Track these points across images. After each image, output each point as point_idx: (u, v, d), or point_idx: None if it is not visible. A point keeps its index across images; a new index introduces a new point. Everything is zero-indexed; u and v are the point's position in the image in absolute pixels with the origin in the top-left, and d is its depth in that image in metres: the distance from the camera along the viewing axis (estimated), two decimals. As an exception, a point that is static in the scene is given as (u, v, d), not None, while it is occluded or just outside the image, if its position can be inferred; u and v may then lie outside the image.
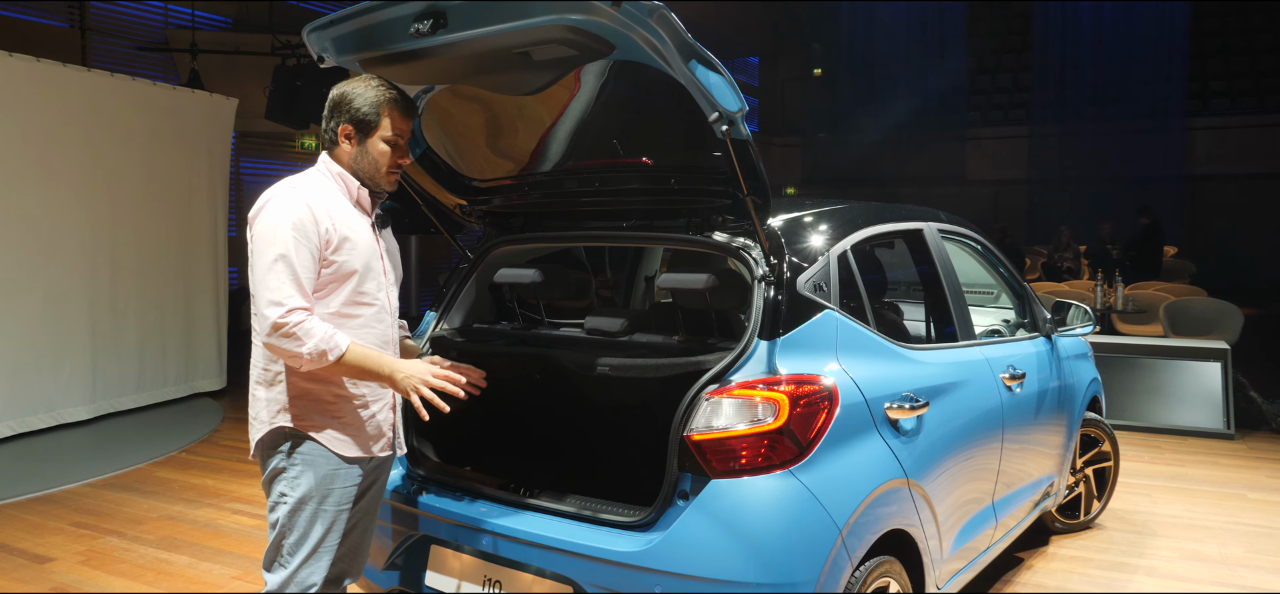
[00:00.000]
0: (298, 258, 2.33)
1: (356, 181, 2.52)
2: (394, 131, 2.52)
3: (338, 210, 2.45)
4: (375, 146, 2.51)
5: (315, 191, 2.44)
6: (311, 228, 2.36)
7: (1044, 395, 3.98)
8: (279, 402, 2.44)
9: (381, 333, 2.55)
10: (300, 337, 2.27)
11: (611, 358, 2.86)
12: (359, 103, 2.49)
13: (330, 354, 2.30)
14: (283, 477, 2.45)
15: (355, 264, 2.45)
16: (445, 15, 2.42)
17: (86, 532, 4.83)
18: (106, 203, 7.35)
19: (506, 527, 2.69)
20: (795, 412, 2.46)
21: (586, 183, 3.11)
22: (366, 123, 2.49)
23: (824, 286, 2.79)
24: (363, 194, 2.53)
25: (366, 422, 2.53)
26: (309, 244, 2.35)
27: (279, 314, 2.27)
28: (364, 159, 2.52)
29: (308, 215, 2.36)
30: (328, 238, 2.40)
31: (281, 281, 2.30)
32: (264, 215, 2.38)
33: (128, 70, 8.30)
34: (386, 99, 2.50)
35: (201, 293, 8.38)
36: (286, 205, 2.37)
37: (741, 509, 2.40)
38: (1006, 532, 3.76)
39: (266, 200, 2.40)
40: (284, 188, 2.43)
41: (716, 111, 2.39)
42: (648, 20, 2.26)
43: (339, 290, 2.44)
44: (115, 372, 7.51)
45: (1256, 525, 4.87)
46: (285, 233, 2.33)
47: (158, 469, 6.06)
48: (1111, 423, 5.15)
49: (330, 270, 2.41)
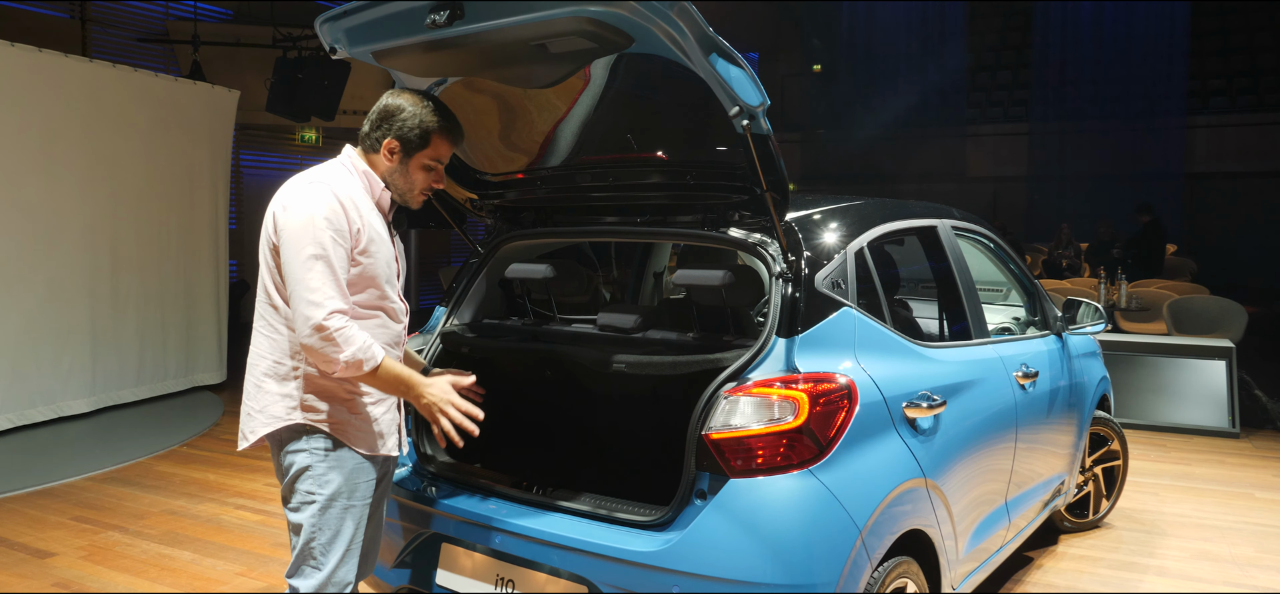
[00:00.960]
0: (335, 256, 2.28)
1: (381, 183, 2.49)
2: (437, 158, 2.51)
3: (365, 208, 2.42)
4: (416, 169, 2.49)
5: (344, 187, 2.39)
6: (344, 225, 2.32)
7: (1056, 394, 3.96)
8: (295, 397, 2.39)
9: (396, 334, 2.54)
10: (340, 342, 2.23)
11: (627, 354, 2.83)
12: (411, 124, 2.45)
13: (366, 364, 2.27)
14: (308, 475, 2.40)
15: (378, 266, 2.42)
16: (462, 6, 2.39)
17: (88, 526, 4.79)
18: (107, 194, 7.31)
19: (520, 525, 2.66)
20: (815, 410, 2.43)
21: (600, 177, 3.08)
22: (413, 144, 2.47)
23: (841, 284, 2.75)
24: (384, 196, 2.50)
25: (379, 418, 2.50)
26: (344, 242, 2.32)
27: (321, 315, 2.23)
28: (401, 177, 2.50)
29: (340, 212, 2.32)
30: (357, 237, 2.36)
31: (321, 281, 2.25)
32: (297, 209, 2.31)
33: (128, 61, 8.24)
34: (438, 126, 2.48)
35: (202, 285, 8.34)
36: (322, 200, 2.32)
37: (761, 509, 2.37)
38: (1018, 531, 3.73)
39: (297, 194, 2.35)
40: (315, 182, 2.37)
41: (737, 106, 2.36)
42: (669, 13, 2.23)
43: (362, 291, 2.41)
44: (115, 364, 7.46)
45: (1266, 525, 4.85)
46: (323, 229, 2.28)
47: (159, 463, 6.02)
48: (1118, 421, 5.13)
49: (357, 270, 2.37)
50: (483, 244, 3.45)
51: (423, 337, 3.28)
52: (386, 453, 2.54)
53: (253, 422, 2.44)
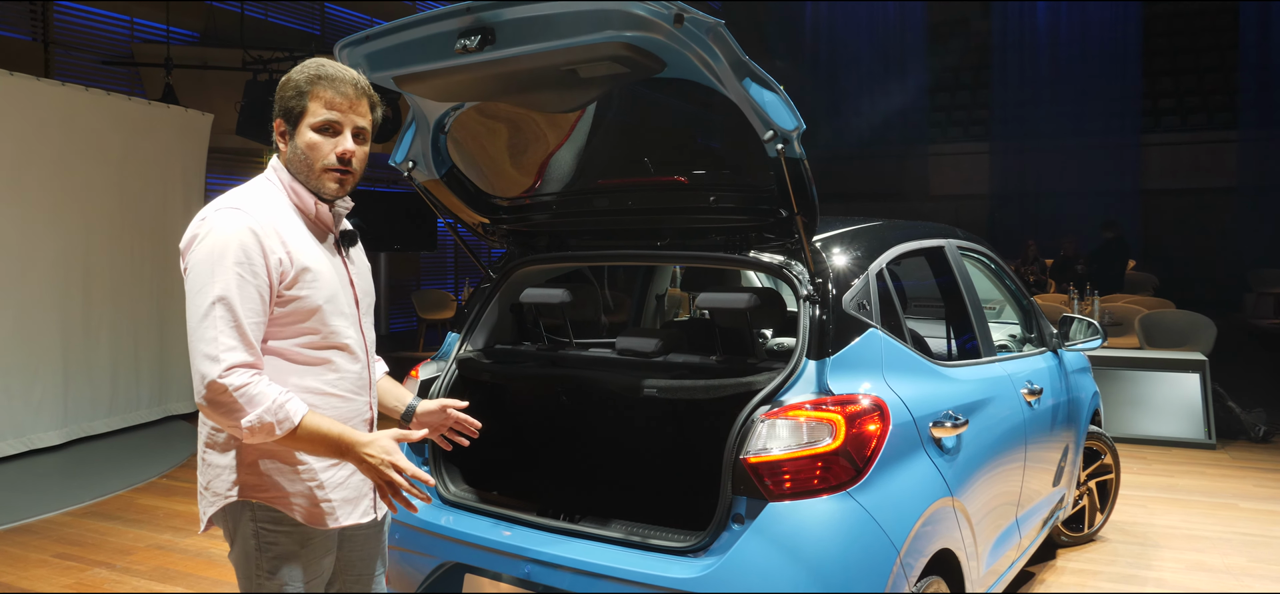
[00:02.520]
0: (241, 300, 1.89)
1: (311, 194, 2.08)
2: (328, 114, 2.02)
3: (291, 232, 2.01)
4: (303, 137, 2.03)
5: (262, 211, 1.99)
6: (259, 259, 1.92)
7: (1057, 410, 4.01)
8: (233, 471, 2.01)
9: (356, 377, 2.13)
10: (240, 404, 1.84)
11: (657, 379, 2.81)
12: (285, 89, 2.03)
13: (279, 427, 1.87)
14: (250, 561, 2.03)
15: (318, 299, 2.02)
16: (494, 32, 2.37)
17: (72, 564, 4.65)
18: (79, 220, 7.14)
19: (550, 554, 2.62)
20: (851, 432, 2.44)
21: (619, 201, 3.07)
22: (292, 111, 2.03)
23: (866, 305, 2.77)
24: (322, 209, 2.09)
25: (342, 483, 2.09)
26: (256, 280, 1.92)
27: (216, 372, 1.84)
28: (295, 157, 2.05)
29: (253, 243, 1.92)
30: (282, 269, 1.96)
31: (219, 331, 1.86)
32: (200, 245, 1.92)
33: (91, 84, 8.06)
34: (306, 77, 2.02)
35: (176, 312, 8.15)
36: (227, 232, 1.92)
37: (801, 532, 2.37)
38: (1027, 547, 3.77)
39: (202, 226, 1.94)
40: (223, 209, 1.96)
41: (770, 130, 2.37)
42: (705, 38, 2.24)
43: (298, 332, 2.01)
44: (88, 394, 7.27)
45: (1254, 535, 4.95)
46: (226, 268, 1.89)
47: (139, 496, 5.87)
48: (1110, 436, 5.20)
49: (286, 309, 1.98)
50: (495, 268, 3.42)
51: (437, 363, 3.24)
52: (359, 521, 2.14)
53: (202, 501, 2.07)
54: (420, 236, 14.04)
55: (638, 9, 2.15)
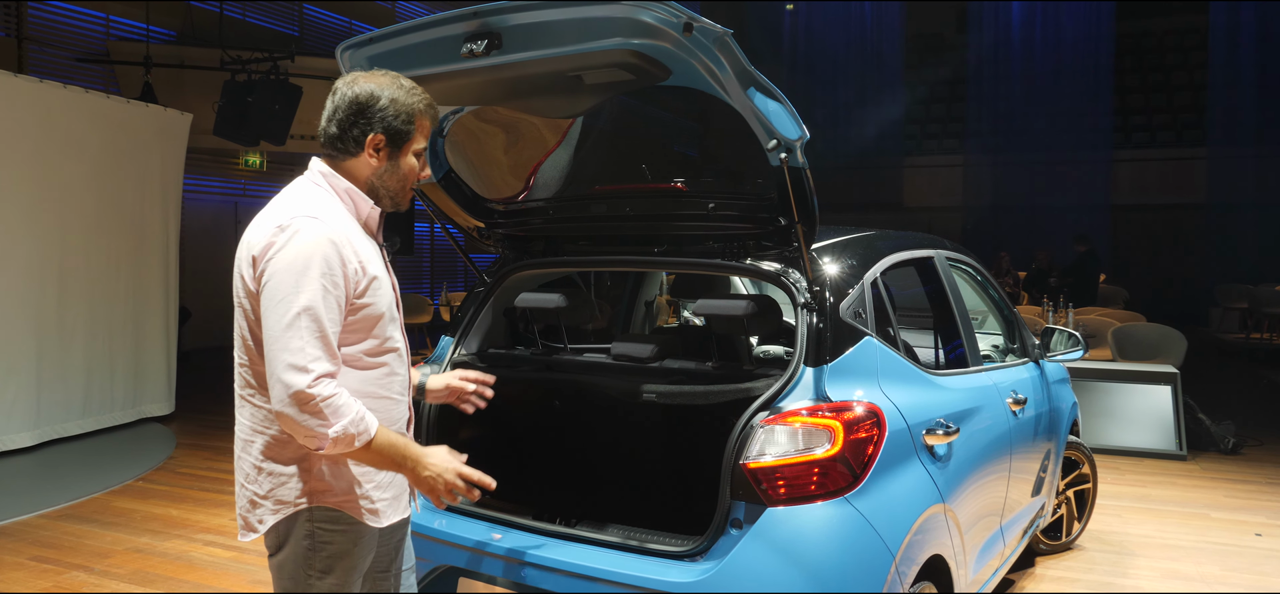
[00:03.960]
0: (325, 310, 1.92)
1: (368, 201, 2.11)
2: (424, 142, 2.15)
3: (359, 242, 2.05)
4: (407, 162, 2.12)
5: (335, 220, 2.01)
6: (339, 270, 1.96)
7: (1040, 419, 4.08)
8: (300, 478, 2.03)
9: (403, 381, 2.20)
10: (327, 415, 1.87)
11: (656, 384, 2.83)
12: (393, 110, 2.07)
13: (358, 439, 1.92)
14: (302, 562, 2.05)
15: (382, 306, 2.07)
16: (501, 37, 2.38)
17: (50, 567, 4.58)
18: (55, 219, 7.04)
19: (547, 558, 2.63)
20: (849, 438, 2.47)
21: (616, 207, 3.08)
22: (401, 133, 2.09)
23: (862, 313, 2.81)
24: (372, 215, 2.13)
25: (389, 482, 2.16)
26: (337, 291, 1.95)
27: (305, 383, 1.86)
28: (393, 176, 2.12)
29: (335, 254, 1.95)
30: (356, 279, 2.00)
31: (306, 341, 1.88)
32: (282, 254, 1.93)
33: (66, 81, 7.96)
34: (423, 106, 2.12)
35: (152, 314, 8.07)
36: (311, 241, 1.94)
37: (799, 537, 2.40)
38: (1009, 555, 3.82)
39: (282, 235, 1.95)
40: (301, 217, 1.97)
41: (774, 139, 2.39)
42: (712, 48, 2.26)
43: (363, 338, 2.06)
44: (61, 396, 7.17)
45: (1226, 544, 5.05)
46: (312, 278, 1.91)
47: (115, 499, 5.79)
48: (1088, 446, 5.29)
49: (356, 317, 2.02)
50: (489, 273, 3.43)
51: (430, 366, 3.24)
52: (403, 516, 2.24)
53: (259, 510, 2.06)
54: (397, 241, 13.98)
55: (647, 17, 2.17)
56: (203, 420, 8.19)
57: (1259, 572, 4.64)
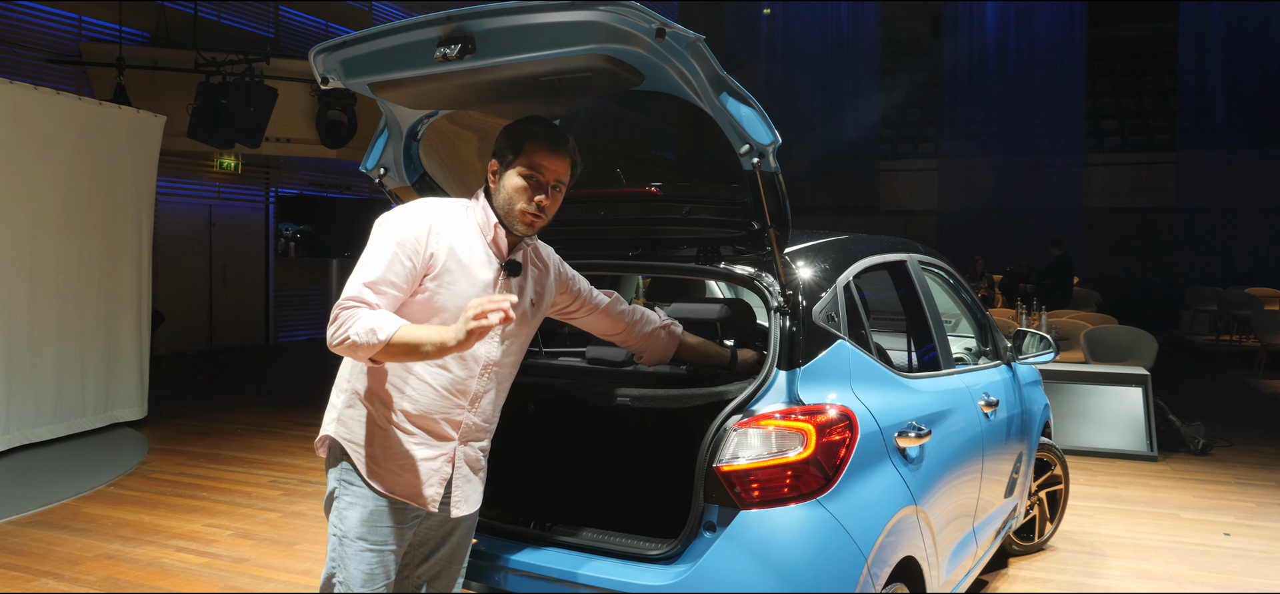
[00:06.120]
0: (389, 265, 2.23)
1: (495, 218, 2.39)
2: (532, 168, 2.34)
3: (462, 242, 2.34)
4: (509, 180, 2.36)
5: (447, 213, 2.37)
6: (418, 246, 2.27)
7: (1012, 421, 4.12)
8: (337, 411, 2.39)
9: (459, 382, 2.36)
10: (344, 321, 2.15)
11: (631, 388, 2.84)
12: (506, 136, 2.39)
13: (379, 333, 2.11)
14: (334, 503, 2.38)
15: (443, 300, 2.30)
16: (474, 41, 2.38)
17: (18, 574, 4.53)
18: (26, 220, 6.95)
19: (522, 562, 2.63)
20: (822, 441, 2.49)
21: (590, 211, 3.09)
22: (506, 156, 2.37)
23: (835, 317, 2.82)
24: (500, 234, 2.40)
25: (421, 464, 2.34)
26: (408, 258, 2.25)
27: (341, 297, 2.20)
28: (499, 194, 2.38)
29: (423, 231, 2.28)
30: (431, 263, 2.28)
31: (356, 278, 2.23)
32: (383, 220, 2.32)
33: (37, 83, 7.86)
34: (530, 132, 2.37)
35: (124, 317, 7.98)
36: (408, 216, 2.31)
37: (772, 540, 2.41)
38: (981, 557, 3.86)
39: (394, 209, 2.37)
40: (423, 201, 2.40)
41: (747, 144, 2.41)
42: (685, 53, 2.27)
43: (425, 320, 2.29)
44: (31, 400, 7.07)
45: (1195, 544, 5.13)
46: (388, 241, 2.26)
47: (86, 505, 5.73)
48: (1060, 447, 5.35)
49: (423, 297, 2.29)
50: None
51: None
52: (427, 508, 2.37)
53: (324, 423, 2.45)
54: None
55: (620, 23, 2.17)
56: (175, 425, 8.11)
57: (1227, 571, 4.71)
